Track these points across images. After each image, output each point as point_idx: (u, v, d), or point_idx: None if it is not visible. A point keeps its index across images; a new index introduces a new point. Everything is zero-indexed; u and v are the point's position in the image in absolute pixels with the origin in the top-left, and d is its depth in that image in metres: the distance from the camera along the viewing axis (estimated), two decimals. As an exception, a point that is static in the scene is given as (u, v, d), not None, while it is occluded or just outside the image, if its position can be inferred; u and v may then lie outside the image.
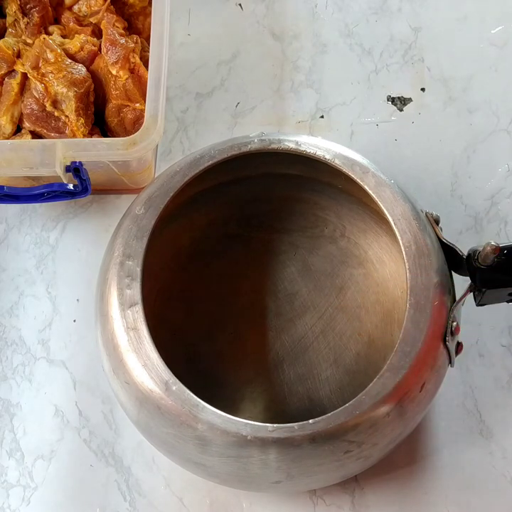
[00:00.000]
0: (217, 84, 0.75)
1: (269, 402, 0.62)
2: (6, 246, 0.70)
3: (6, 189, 0.63)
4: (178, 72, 0.75)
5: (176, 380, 0.49)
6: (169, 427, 0.50)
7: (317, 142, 0.55)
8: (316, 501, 0.60)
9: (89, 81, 0.66)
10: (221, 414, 0.48)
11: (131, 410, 0.53)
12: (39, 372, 0.65)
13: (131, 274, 0.51)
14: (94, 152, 0.60)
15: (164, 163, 0.71)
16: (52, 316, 0.67)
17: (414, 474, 0.61)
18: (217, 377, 0.62)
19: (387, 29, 0.77)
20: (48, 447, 0.63)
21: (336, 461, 0.49)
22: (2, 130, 0.66)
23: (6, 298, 0.68)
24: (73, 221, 0.71)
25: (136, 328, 0.50)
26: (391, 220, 0.52)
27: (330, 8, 0.78)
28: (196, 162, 0.55)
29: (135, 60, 0.66)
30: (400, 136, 0.73)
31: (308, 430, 0.47)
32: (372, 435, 0.49)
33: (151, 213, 0.53)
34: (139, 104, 0.65)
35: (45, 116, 0.66)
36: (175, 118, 0.74)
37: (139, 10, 0.71)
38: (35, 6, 0.68)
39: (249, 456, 0.48)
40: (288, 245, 0.66)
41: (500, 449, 0.61)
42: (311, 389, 0.62)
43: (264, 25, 0.78)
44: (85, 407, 0.64)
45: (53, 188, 0.63)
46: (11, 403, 0.65)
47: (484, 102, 0.73)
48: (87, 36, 0.67)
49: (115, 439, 0.63)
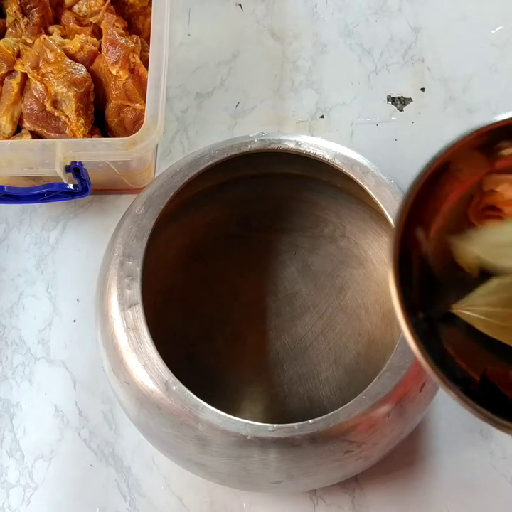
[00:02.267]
0: (217, 84, 0.75)
1: (269, 402, 0.62)
2: (6, 246, 0.70)
3: (6, 189, 0.63)
4: (178, 72, 0.75)
5: (176, 380, 0.49)
6: (169, 427, 0.50)
7: (317, 142, 0.56)
8: (316, 501, 0.60)
9: (89, 81, 0.66)
10: (221, 414, 0.48)
11: (131, 410, 0.53)
12: (39, 372, 0.65)
13: (131, 274, 0.51)
14: (94, 152, 0.60)
15: (164, 163, 0.71)
16: (52, 316, 0.67)
17: (414, 474, 0.61)
18: (217, 377, 0.62)
19: (387, 29, 0.77)
20: (47, 447, 0.63)
21: (336, 461, 0.50)
22: (2, 130, 0.66)
23: (6, 298, 0.68)
24: (73, 221, 0.71)
25: (136, 328, 0.50)
26: (391, 219, 0.52)
27: (330, 8, 0.78)
28: (196, 162, 0.55)
29: (135, 60, 0.66)
30: (399, 136, 0.73)
31: (308, 430, 0.47)
32: (372, 435, 0.49)
33: (151, 213, 0.53)
34: (139, 104, 0.65)
35: (45, 116, 0.66)
36: (175, 118, 0.74)
37: (139, 10, 0.71)
38: (35, 6, 0.68)
39: (249, 456, 0.48)
40: (288, 245, 0.66)
41: (500, 449, 0.61)
42: (311, 389, 0.62)
43: (264, 25, 0.78)
44: (85, 407, 0.64)
45: (53, 188, 0.63)
46: (11, 403, 0.65)
47: (484, 102, 0.73)
48: (87, 36, 0.67)
49: (115, 439, 0.63)
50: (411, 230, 0.38)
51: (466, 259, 0.39)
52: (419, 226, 0.39)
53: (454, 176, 0.39)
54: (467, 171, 0.40)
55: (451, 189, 0.40)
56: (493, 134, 0.39)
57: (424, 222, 0.39)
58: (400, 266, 0.37)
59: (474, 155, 0.39)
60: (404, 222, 0.37)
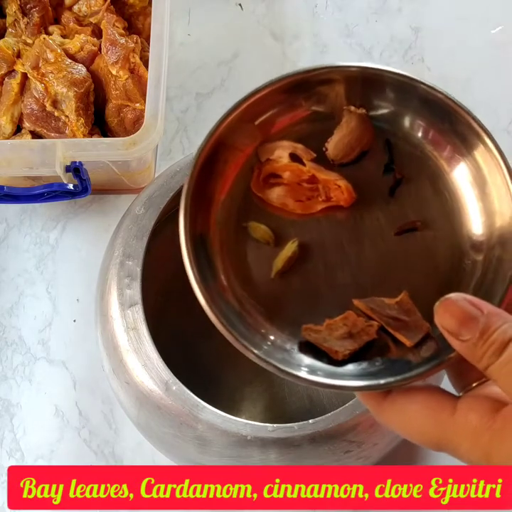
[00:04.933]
0: (217, 84, 0.75)
1: (269, 402, 0.62)
2: (6, 246, 0.70)
3: (6, 189, 0.63)
4: (178, 72, 0.75)
5: (176, 380, 0.49)
6: (169, 427, 0.50)
7: None
8: (316, 501, 0.60)
9: (89, 81, 0.66)
10: (221, 414, 0.48)
11: (131, 410, 0.53)
12: (39, 372, 0.65)
13: (131, 274, 0.51)
14: (94, 152, 0.60)
15: (164, 163, 0.71)
16: (52, 316, 0.67)
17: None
18: (217, 377, 0.62)
19: (387, 29, 0.77)
20: (47, 447, 0.63)
21: (336, 461, 0.49)
22: (2, 130, 0.66)
23: (6, 298, 0.68)
24: (73, 221, 0.71)
25: (136, 328, 0.50)
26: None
27: (330, 8, 0.78)
28: (196, 162, 0.55)
29: (135, 60, 0.66)
30: (400, 136, 0.72)
31: (308, 430, 0.47)
32: (372, 435, 0.49)
33: (151, 213, 0.53)
34: (139, 104, 0.65)
35: (45, 116, 0.66)
36: (175, 118, 0.74)
37: (139, 10, 0.71)
38: (35, 6, 0.68)
39: (249, 456, 0.48)
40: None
41: (500, 449, 0.61)
42: (311, 389, 0.62)
43: (264, 25, 0.78)
44: (85, 407, 0.64)
45: (53, 188, 0.63)
46: (11, 403, 0.65)
47: (484, 102, 0.73)
48: (87, 36, 0.67)
49: (115, 439, 0.63)
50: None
51: (259, 232, 0.41)
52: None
53: (231, 152, 0.41)
54: (241, 142, 0.41)
55: (233, 165, 0.41)
56: (254, 108, 0.40)
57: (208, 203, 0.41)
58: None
59: (245, 127, 0.40)
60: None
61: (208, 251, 0.40)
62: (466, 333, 0.34)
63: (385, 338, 0.38)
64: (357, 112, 0.41)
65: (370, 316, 0.38)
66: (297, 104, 0.41)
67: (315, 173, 0.41)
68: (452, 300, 0.35)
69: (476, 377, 0.37)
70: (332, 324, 0.38)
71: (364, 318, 0.38)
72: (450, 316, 0.34)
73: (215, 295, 0.38)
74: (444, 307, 0.35)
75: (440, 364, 0.36)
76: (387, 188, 0.41)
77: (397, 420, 0.36)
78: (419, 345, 0.37)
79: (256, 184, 0.41)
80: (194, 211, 0.39)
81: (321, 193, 0.41)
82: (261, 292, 0.40)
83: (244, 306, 0.39)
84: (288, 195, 0.41)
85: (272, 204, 0.41)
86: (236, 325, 0.38)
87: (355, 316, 0.38)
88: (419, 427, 0.36)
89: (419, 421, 0.35)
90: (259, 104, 0.40)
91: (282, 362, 0.37)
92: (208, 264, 0.40)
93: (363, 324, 0.38)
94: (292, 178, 0.41)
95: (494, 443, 0.34)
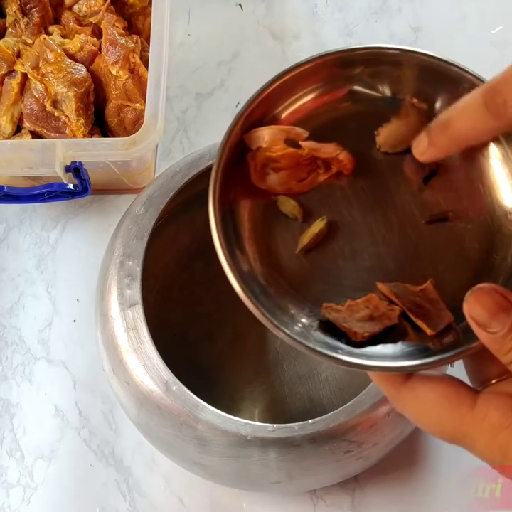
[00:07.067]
0: (217, 84, 0.75)
1: (269, 402, 0.62)
2: (6, 246, 0.70)
3: (6, 189, 0.63)
4: (178, 72, 0.75)
5: (176, 380, 0.49)
6: (169, 427, 0.50)
7: None
8: (316, 501, 0.60)
9: (89, 81, 0.66)
10: (221, 414, 0.48)
11: (131, 410, 0.53)
12: (39, 372, 0.65)
13: (131, 274, 0.51)
14: (94, 152, 0.60)
15: (164, 163, 0.71)
16: (52, 316, 0.67)
17: (414, 474, 0.60)
18: (217, 377, 0.62)
19: (387, 29, 0.77)
20: (48, 447, 0.63)
21: (336, 461, 0.49)
22: (2, 130, 0.66)
23: (6, 298, 0.68)
24: (73, 221, 0.71)
25: (136, 328, 0.50)
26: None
27: (330, 8, 0.78)
28: (196, 162, 0.55)
29: (135, 60, 0.66)
30: (400, 136, 0.72)
31: (308, 430, 0.47)
32: (373, 435, 0.49)
33: (151, 213, 0.53)
34: (139, 104, 0.65)
35: (45, 116, 0.66)
36: (175, 118, 0.74)
37: (139, 10, 0.71)
38: (35, 6, 0.68)
39: (249, 456, 0.48)
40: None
41: (500, 449, 0.61)
42: (311, 389, 0.62)
43: (264, 25, 0.78)
44: (85, 407, 0.64)
45: (53, 188, 0.63)
46: (11, 403, 0.65)
47: (484, 102, 0.73)
48: (87, 36, 0.67)
49: (115, 439, 0.63)
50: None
51: (288, 206, 0.40)
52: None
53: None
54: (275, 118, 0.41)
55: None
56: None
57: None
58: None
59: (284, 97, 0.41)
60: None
61: (235, 223, 0.40)
62: (496, 325, 0.33)
63: (405, 324, 0.38)
64: (420, 106, 0.40)
65: (392, 300, 0.38)
66: (338, 83, 0.43)
67: (314, 153, 0.40)
68: (485, 290, 0.34)
69: (495, 373, 0.36)
70: (353, 305, 0.38)
71: (386, 302, 0.38)
72: (481, 306, 0.34)
73: (241, 268, 0.38)
74: (476, 297, 0.34)
75: (461, 353, 0.36)
76: (421, 177, 0.40)
77: (413, 407, 0.36)
78: (440, 335, 0.37)
79: (255, 177, 0.40)
80: (224, 180, 0.39)
81: (321, 166, 0.40)
82: (284, 267, 0.39)
83: (268, 279, 0.39)
84: (289, 179, 0.41)
85: (277, 192, 0.40)
86: (259, 297, 0.37)
87: (377, 299, 0.38)
88: (436, 416, 0.35)
89: (437, 410, 0.35)
90: (306, 76, 0.42)
91: (301, 335, 0.37)
92: (235, 236, 0.40)
93: (385, 308, 0.38)
94: (290, 162, 0.40)
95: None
